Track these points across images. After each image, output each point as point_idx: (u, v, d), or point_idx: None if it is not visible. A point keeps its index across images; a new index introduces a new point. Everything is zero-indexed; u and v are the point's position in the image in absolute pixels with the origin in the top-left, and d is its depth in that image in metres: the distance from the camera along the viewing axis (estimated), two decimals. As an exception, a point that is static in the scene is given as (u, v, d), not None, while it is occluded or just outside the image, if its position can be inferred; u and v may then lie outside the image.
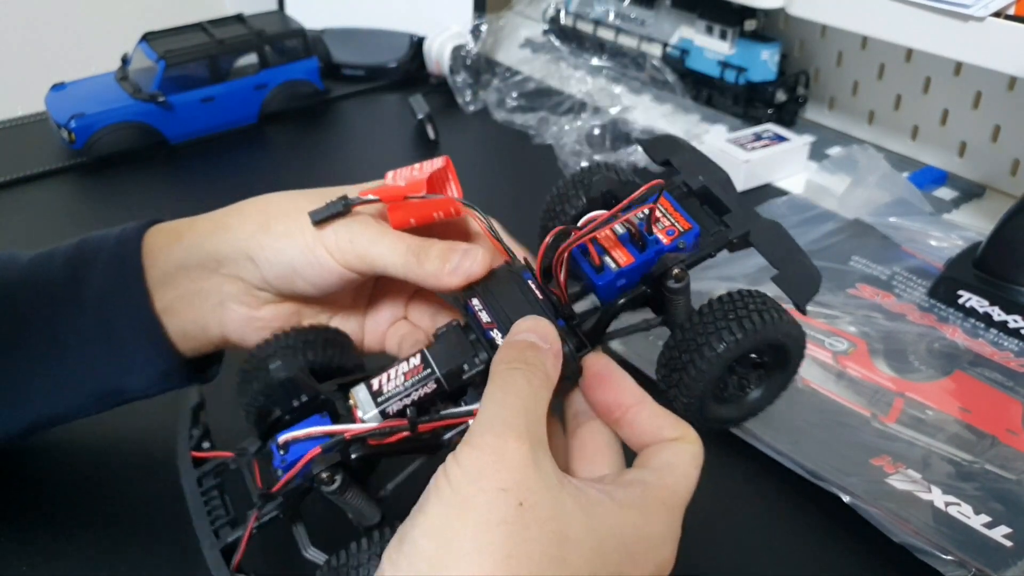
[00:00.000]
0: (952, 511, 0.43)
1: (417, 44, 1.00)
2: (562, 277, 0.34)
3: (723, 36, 0.87)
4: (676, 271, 0.33)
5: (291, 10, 1.05)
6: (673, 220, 0.34)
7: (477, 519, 0.27)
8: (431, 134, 0.86)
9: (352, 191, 0.40)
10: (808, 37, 0.89)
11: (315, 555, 0.34)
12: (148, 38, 0.86)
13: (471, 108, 0.93)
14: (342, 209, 0.37)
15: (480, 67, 0.96)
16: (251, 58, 0.89)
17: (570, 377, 0.33)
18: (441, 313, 0.44)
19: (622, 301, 0.34)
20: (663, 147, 0.37)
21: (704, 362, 0.32)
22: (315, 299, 0.42)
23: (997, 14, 0.59)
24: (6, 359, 0.41)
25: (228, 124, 0.90)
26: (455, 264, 0.36)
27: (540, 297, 0.34)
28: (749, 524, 0.45)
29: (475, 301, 0.35)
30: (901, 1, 0.64)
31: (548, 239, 0.34)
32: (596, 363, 0.34)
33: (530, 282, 0.35)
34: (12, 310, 0.41)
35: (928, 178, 0.78)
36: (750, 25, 0.85)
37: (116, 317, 0.41)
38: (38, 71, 0.93)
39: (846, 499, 0.44)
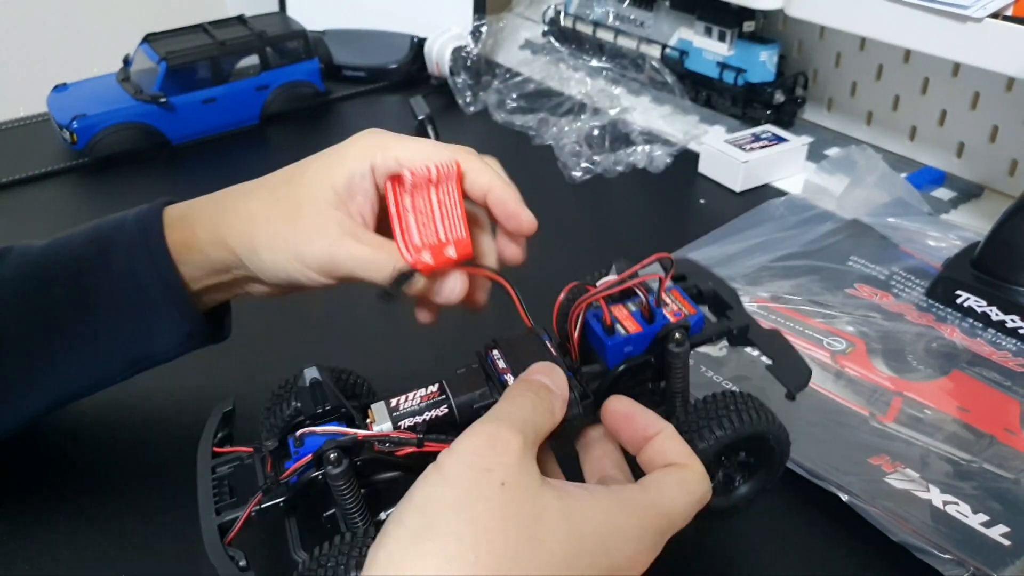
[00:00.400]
0: (950, 510, 0.43)
1: (418, 45, 1.00)
2: (576, 332, 0.38)
3: (722, 37, 0.87)
4: (678, 334, 0.36)
5: (292, 11, 1.06)
6: (680, 306, 0.39)
7: (460, 495, 0.28)
8: (431, 135, 0.87)
9: (343, 162, 0.41)
10: (807, 38, 0.89)
11: (303, 557, 0.35)
12: (150, 39, 0.86)
13: (471, 109, 0.94)
14: (411, 280, 0.40)
15: (480, 68, 0.97)
16: (252, 59, 0.89)
17: (571, 421, 0.36)
18: None
19: (623, 367, 0.37)
20: (682, 268, 0.42)
21: (703, 442, 0.36)
22: None
23: (995, 15, 0.59)
24: (39, 334, 0.43)
25: (229, 125, 0.90)
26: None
27: (554, 353, 0.38)
28: (747, 522, 0.45)
29: (495, 352, 0.39)
30: (899, 2, 0.64)
31: (562, 296, 0.37)
32: (617, 403, 0.36)
33: (547, 342, 0.39)
34: (42, 288, 0.44)
35: (926, 178, 0.78)
36: (749, 26, 0.86)
37: (143, 283, 0.43)
38: (40, 72, 0.93)
39: (845, 498, 0.44)
